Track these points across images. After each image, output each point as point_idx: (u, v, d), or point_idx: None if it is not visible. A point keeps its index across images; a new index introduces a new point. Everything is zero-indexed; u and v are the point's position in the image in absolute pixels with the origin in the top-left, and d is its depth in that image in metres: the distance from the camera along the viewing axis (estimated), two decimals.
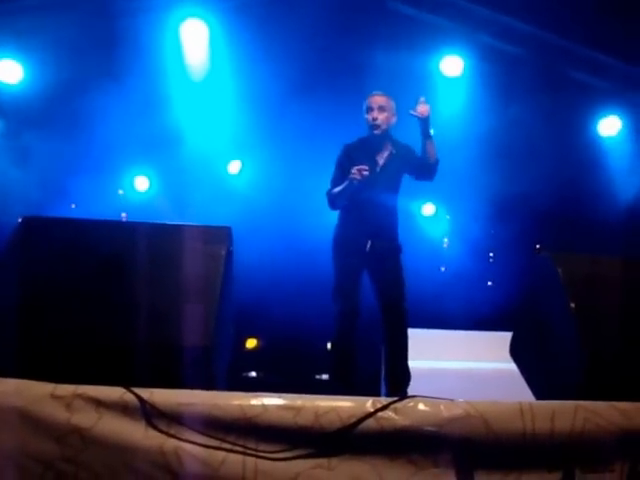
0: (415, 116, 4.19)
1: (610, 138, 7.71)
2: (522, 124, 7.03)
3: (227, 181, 7.99)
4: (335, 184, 4.29)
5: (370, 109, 4.28)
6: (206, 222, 2.87)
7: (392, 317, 4.15)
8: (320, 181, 4.60)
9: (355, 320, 4.12)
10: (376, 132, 4.28)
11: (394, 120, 4.34)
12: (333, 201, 4.30)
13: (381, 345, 4.20)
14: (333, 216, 4.37)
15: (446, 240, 7.61)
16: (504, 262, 6.86)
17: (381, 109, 4.27)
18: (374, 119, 4.26)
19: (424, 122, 4.21)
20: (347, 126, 4.55)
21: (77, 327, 2.41)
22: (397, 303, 4.16)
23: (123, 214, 7.24)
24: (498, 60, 7.06)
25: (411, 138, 4.37)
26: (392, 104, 4.34)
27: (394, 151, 4.32)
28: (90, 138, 6.75)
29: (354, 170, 4.03)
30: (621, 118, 7.62)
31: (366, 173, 4.03)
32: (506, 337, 3.36)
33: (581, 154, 7.56)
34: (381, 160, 4.31)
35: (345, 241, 4.24)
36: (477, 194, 7.64)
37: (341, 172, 4.26)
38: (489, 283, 7.14)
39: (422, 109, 4.19)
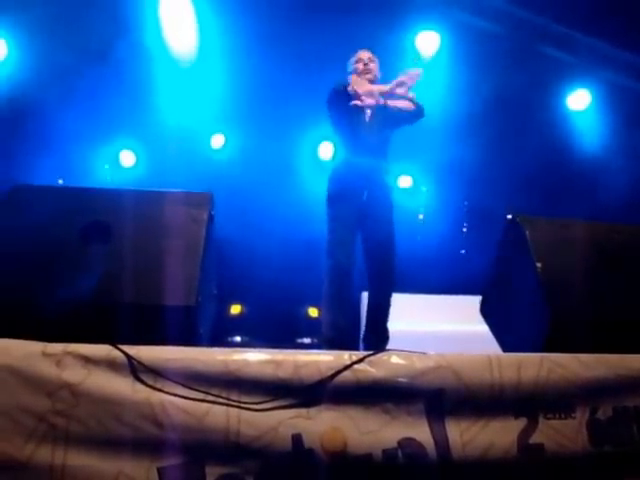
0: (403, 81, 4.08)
1: (579, 112, 7.88)
2: (496, 98, 7.15)
3: (211, 154, 8.05)
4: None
5: (359, 60, 4.36)
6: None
7: (380, 278, 4.16)
8: (301, 150, 4.65)
9: (351, 273, 4.07)
10: (368, 76, 4.32)
11: (379, 76, 4.40)
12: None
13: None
14: (315, 185, 4.36)
15: (421, 216, 7.69)
16: (479, 231, 6.99)
17: (370, 60, 4.37)
18: (366, 65, 4.34)
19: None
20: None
21: (65, 289, 2.48)
22: (387, 265, 4.16)
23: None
24: (471, 36, 7.15)
25: None
26: (377, 61, 4.43)
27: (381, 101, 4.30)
28: (74, 113, 6.76)
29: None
30: (590, 92, 7.77)
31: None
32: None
33: (553, 125, 7.70)
34: (369, 110, 4.29)
35: (341, 192, 4.18)
36: (454, 166, 7.76)
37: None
38: (462, 252, 7.27)
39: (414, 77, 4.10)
